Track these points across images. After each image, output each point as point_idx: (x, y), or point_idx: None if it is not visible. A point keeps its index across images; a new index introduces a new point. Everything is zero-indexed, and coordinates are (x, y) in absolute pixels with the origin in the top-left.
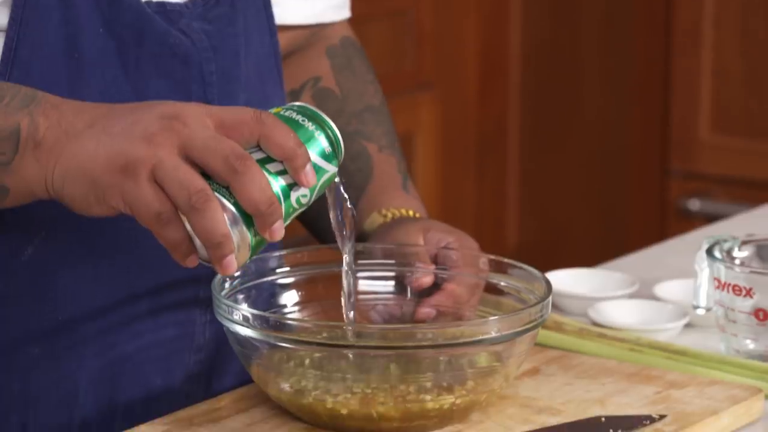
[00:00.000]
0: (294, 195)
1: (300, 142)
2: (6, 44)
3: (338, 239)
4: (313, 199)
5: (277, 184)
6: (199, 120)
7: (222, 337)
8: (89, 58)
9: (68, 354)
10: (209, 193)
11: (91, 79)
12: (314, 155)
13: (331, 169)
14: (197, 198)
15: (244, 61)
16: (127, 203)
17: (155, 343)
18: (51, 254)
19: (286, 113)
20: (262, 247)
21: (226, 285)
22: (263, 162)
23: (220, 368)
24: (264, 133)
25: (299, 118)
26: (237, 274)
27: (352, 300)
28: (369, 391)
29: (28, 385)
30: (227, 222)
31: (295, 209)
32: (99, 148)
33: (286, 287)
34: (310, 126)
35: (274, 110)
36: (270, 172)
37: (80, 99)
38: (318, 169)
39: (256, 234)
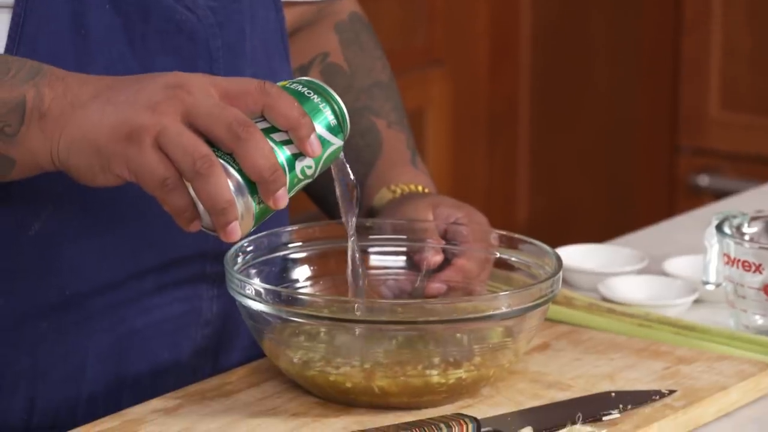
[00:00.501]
0: (299, 165)
1: (304, 113)
2: (13, 20)
3: (342, 214)
4: (318, 172)
5: (282, 154)
6: (203, 89)
7: (229, 312)
8: (96, 35)
9: (76, 329)
10: (213, 159)
11: (97, 56)
12: (320, 128)
13: (337, 142)
14: (201, 163)
15: (249, 37)
16: (132, 171)
17: (162, 318)
18: (58, 229)
19: (293, 86)
20: (266, 216)
21: (239, 260)
22: (268, 132)
23: (228, 343)
24: (268, 103)
25: (305, 90)
26: (250, 248)
27: (357, 274)
28: (368, 366)
29: (36, 360)
30: (231, 189)
31: (300, 180)
32: (103, 117)
33: (298, 262)
34: (315, 99)
35: (280, 83)
36: (275, 142)
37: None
38: (323, 142)
39: (260, 202)
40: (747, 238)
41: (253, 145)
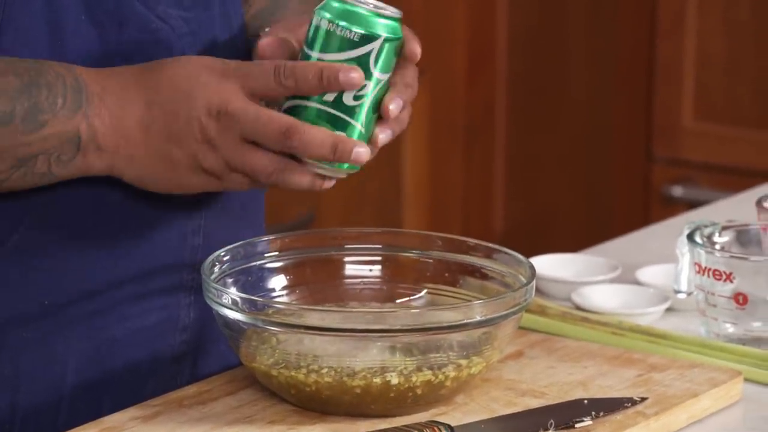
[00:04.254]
0: (356, 103)
1: (320, 74)
2: None
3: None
4: (382, 87)
5: (335, 110)
6: (241, 107)
7: (206, 318)
8: (72, 46)
9: (56, 337)
10: (294, 122)
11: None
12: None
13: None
14: (288, 133)
15: (223, 44)
16: (232, 188)
17: (141, 326)
18: (36, 241)
19: (337, 30)
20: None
21: (216, 269)
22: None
23: (204, 348)
24: (288, 86)
25: (352, 34)
26: (226, 258)
27: None
28: (342, 373)
29: (17, 366)
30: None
31: (370, 113)
32: (166, 160)
33: (274, 271)
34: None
35: (316, 19)
36: (325, 103)
37: None
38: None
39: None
40: (718, 247)
41: (304, 146)
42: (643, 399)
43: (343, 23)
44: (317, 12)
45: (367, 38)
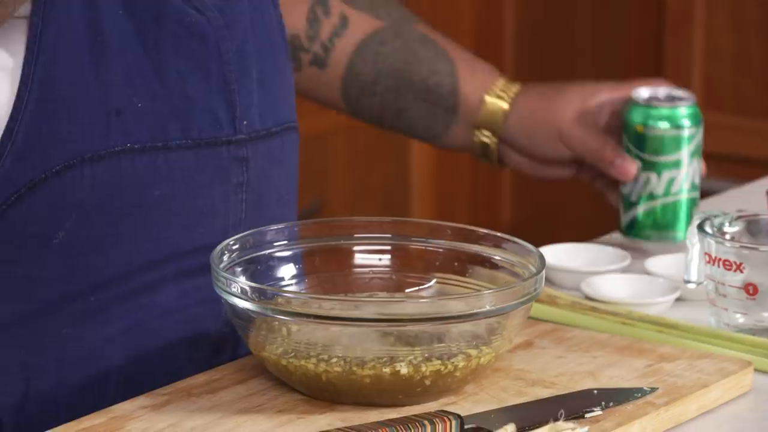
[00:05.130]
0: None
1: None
2: (31, 30)
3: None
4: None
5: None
6: None
7: None
8: (111, 41)
9: (99, 316)
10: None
11: (114, 62)
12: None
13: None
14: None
15: (252, 36)
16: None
17: (182, 310)
18: (82, 238)
19: (652, 131)
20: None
21: (225, 258)
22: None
23: None
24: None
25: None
26: (235, 247)
27: None
28: (351, 362)
29: (63, 347)
30: None
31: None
32: None
33: (284, 260)
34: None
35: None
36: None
37: (104, 82)
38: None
39: None
40: (728, 237)
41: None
42: (653, 389)
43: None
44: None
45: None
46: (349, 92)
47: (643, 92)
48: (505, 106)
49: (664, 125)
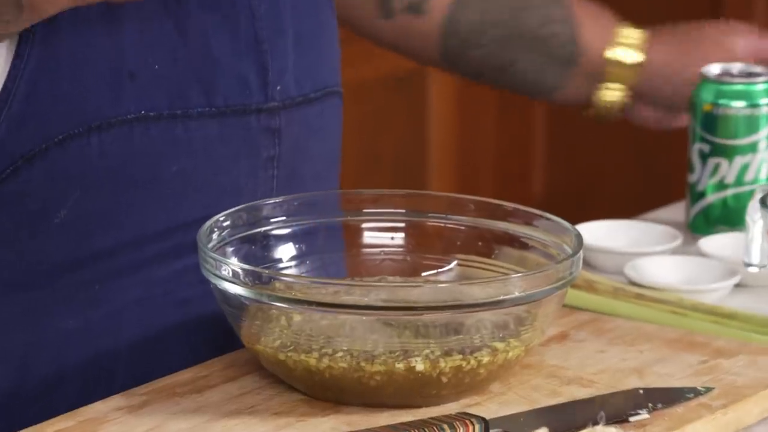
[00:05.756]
0: None
1: None
2: None
3: None
4: None
5: None
6: None
7: None
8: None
9: (108, 287)
10: None
11: (128, 17)
12: None
13: None
14: None
15: None
16: None
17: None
18: (86, 215)
19: None
20: None
21: (214, 236)
22: None
23: None
24: None
25: None
26: (226, 223)
27: None
28: (358, 356)
29: (71, 320)
30: None
31: None
32: None
33: (282, 239)
34: None
35: None
36: None
37: (117, 40)
38: None
39: None
40: None
41: None
42: (708, 389)
43: None
44: None
45: None
46: (448, 44)
47: (713, 68)
48: (638, 57)
49: (737, 104)
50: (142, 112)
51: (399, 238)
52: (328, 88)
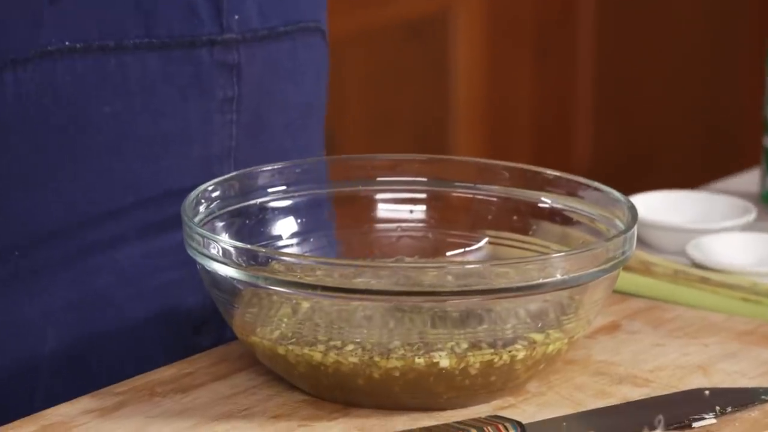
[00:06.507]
0: None
1: None
2: None
3: None
4: None
5: None
6: None
7: None
8: None
9: (28, 284)
10: None
11: None
12: None
13: None
14: None
15: None
16: None
17: (145, 275)
18: (2, 172)
19: None
20: None
21: (201, 209)
22: None
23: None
24: None
25: None
26: (216, 194)
27: None
28: (371, 349)
29: None
30: None
31: None
32: None
33: (281, 212)
34: None
35: None
36: None
37: None
38: None
39: None
40: None
41: None
42: None
43: None
44: None
45: None
46: None
47: None
48: None
49: None
50: (66, 43)
51: (419, 211)
52: (303, 23)
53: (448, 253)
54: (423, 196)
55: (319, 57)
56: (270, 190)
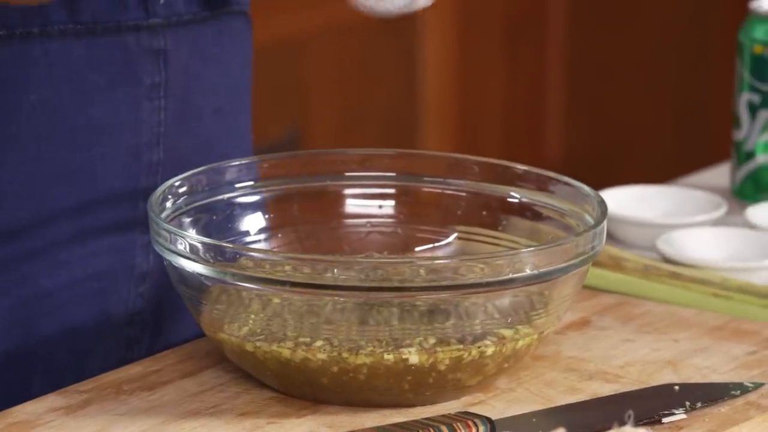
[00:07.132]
0: None
1: None
2: None
3: None
4: None
5: None
6: None
7: None
8: None
9: None
10: None
11: None
12: None
13: None
14: None
15: None
16: None
17: (82, 275)
18: None
19: None
20: None
21: (168, 204)
22: None
23: (172, 305)
24: None
25: None
26: (183, 189)
27: None
28: (340, 344)
29: None
30: None
31: None
32: None
33: (249, 207)
34: None
35: None
36: None
37: None
38: None
39: None
40: None
41: None
42: (756, 385)
43: None
44: None
45: None
46: None
47: (765, 2)
48: None
49: None
50: None
51: (388, 206)
52: (227, 7)
53: (418, 249)
54: (392, 191)
55: (245, 40)
56: (237, 185)
